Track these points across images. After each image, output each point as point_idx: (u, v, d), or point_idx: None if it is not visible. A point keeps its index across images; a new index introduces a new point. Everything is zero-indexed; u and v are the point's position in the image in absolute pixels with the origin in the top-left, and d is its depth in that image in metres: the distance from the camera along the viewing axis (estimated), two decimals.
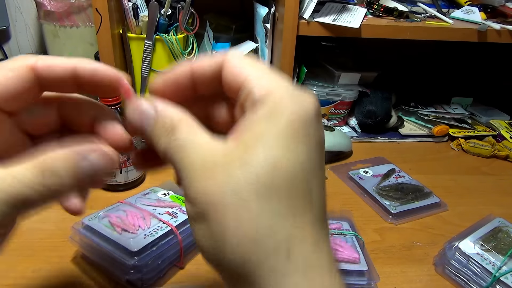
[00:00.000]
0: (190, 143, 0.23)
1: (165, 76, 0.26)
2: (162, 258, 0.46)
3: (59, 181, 0.23)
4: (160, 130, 0.24)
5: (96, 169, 0.24)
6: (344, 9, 0.77)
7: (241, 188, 0.21)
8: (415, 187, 0.65)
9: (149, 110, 0.24)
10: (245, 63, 0.24)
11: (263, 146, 0.21)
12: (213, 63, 0.25)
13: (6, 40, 1.09)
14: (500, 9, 0.82)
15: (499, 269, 0.45)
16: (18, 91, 0.25)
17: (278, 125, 0.22)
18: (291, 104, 0.22)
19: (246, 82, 0.23)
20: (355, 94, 0.85)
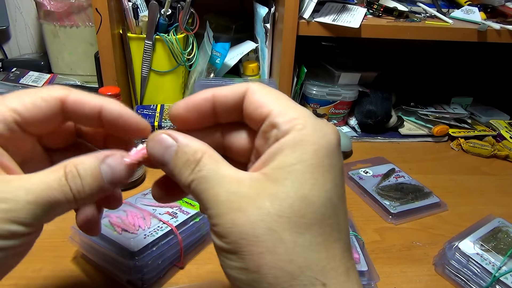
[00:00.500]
0: (214, 174, 0.23)
1: (186, 101, 0.27)
2: (162, 258, 0.46)
3: (81, 183, 0.24)
4: (182, 163, 0.24)
5: (115, 172, 0.25)
6: (344, 9, 0.77)
7: (272, 220, 0.21)
8: (415, 187, 0.65)
9: (170, 143, 0.25)
10: (268, 94, 0.25)
11: (291, 179, 0.22)
12: (236, 92, 0.26)
13: (6, 40, 1.09)
14: (500, 9, 0.82)
15: (499, 269, 0.45)
16: (44, 120, 0.26)
17: (304, 157, 0.22)
18: (315, 135, 0.23)
19: (269, 114, 0.24)
20: (355, 94, 0.85)
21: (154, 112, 0.77)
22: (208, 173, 0.23)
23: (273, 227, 0.21)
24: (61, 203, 0.23)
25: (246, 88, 0.26)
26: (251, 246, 0.21)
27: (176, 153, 0.24)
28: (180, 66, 0.82)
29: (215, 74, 0.86)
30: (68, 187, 0.23)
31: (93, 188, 0.24)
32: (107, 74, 0.75)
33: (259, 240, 0.21)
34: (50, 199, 0.23)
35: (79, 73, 1.00)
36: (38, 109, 0.26)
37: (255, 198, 0.22)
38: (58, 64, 1.00)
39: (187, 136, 0.25)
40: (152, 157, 0.25)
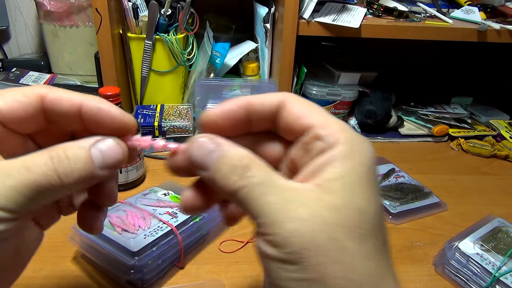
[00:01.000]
0: (267, 182, 0.23)
1: (220, 108, 0.26)
2: (162, 258, 0.46)
3: (69, 167, 0.22)
4: (228, 168, 0.23)
5: (106, 156, 0.24)
6: (344, 9, 0.77)
7: (333, 230, 0.22)
8: (415, 187, 0.65)
9: (212, 148, 0.24)
10: (308, 106, 0.26)
11: (347, 190, 0.22)
12: (272, 101, 0.26)
13: (6, 40, 1.09)
14: (500, 9, 0.82)
15: (499, 269, 0.45)
16: (26, 116, 0.25)
17: (355, 170, 0.23)
18: (360, 150, 0.24)
19: (312, 126, 0.24)
20: (355, 94, 0.85)
21: (154, 112, 0.77)
22: (261, 179, 0.23)
23: (335, 236, 0.21)
24: (45, 188, 0.22)
25: (284, 98, 0.26)
26: (316, 256, 0.21)
27: (220, 157, 0.24)
28: (180, 66, 0.82)
29: (215, 74, 0.86)
30: (53, 170, 0.22)
31: (82, 173, 0.23)
32: (107, 74, 0.75)
33: (323, 249, 0.21)
34: (31, 184, 0.21)
35: (79, 73, 1.00)
36: (19, 104, 0.25)
37: (313, 207, 0.22)
38: (58, 64, 1.00)
39: (231, 143, 0.24)
40: (192, 161, 0.25)
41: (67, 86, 0.91)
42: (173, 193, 0.55)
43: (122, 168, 0.61)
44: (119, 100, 0.58)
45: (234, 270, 0.49)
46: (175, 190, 0.56)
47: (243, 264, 0.50)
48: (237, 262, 0.50)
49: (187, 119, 0.76)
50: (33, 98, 0.25)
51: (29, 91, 0.25)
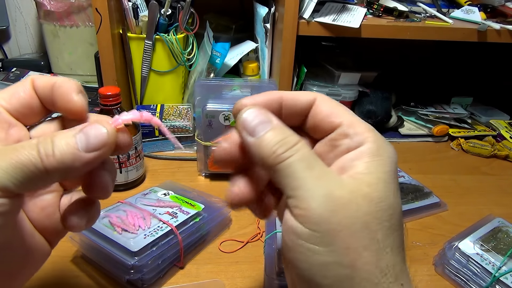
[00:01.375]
0: (314, 160, 0.24)
1: (255, 98, 0.27)
2: (162, 258, 0.46)
3: (51, 148, 0.23)
4: (279, 140, 0.24)
5: (89, 139, 0.24)
6: (344, 9, 0.77)
7: (368, 220, 0.23)
8: (415, 187, 0.65)
9: (266, 119, 0.25)
10: (337, 106, 0.27)
11: (382, 184, 0.24)
12: (306, 98, 0.27)
13: (6, 40, 1.09)
14: (500, 9, 0.82)
15: (499, 269, 0.45)
16: (27, 103, 0.27)
17: (385, 168, 0.24)
18: (386, 150, 0.25)
19: (341, 124, 0.26)
20: (355, 94, 0.85)
21: (154, 112, 0.77)
22: (307, 155, 0.24)
23: (369, 226, 0.22)
24: (28, 168, 0.22)
25: (315, 97, 0.27)
26: (349, 239, 0.22)
27: (272, 128, 0.24)
28: (180, 66, 0.82)
29: (215, 74, 0.86)
30: (36, 151, 0.22)
31: (64, 153, 0.23)
32: (107, 74, 0.75)
33: (356, 235, 0.22)
34: (16, 163, 0.22)
35: (79, 73, 1.00)
36: (18, 93, 0.27)
37: (353, 195, 0.23)
38: (58, 64, 1.00)
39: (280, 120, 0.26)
40: (244, 125, 0.25)
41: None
42: (173, 193, 0.55)
43: (122, 168, 0.61)
44: (119, 100, 0.57)
45: (234, 270, 0.49)
46: (175, 190, 0.56)
47: (243, 264, 0.50)
48: (237, 262, 0.50)
49: (187, 119, 0.76)
50: (28, 83, 0.27)
51: (23, 80, 0.28)
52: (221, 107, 0.62)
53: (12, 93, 0.27)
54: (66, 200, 0.29)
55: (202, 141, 0.64)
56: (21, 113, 0.27)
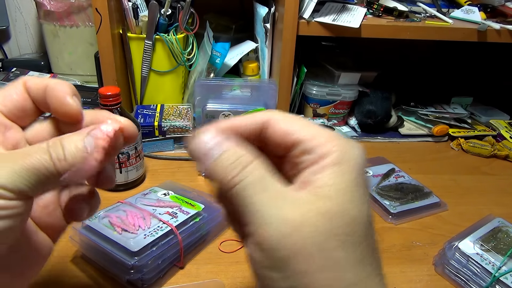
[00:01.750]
0: (265, 184, 0.23)
1: None
2: (162, 258, 0.46)
3: (62, 151, 0.23)
4: (227, 165, 0.23)
5: (98, 140, 0.24)
6: (344, 9, 0.77)
7: (323, 238, 0.21)
8: (415, 187, 0.65)
9: (216, 143, 0.24)
10: (294, 122, 0.26)
11: (338, 196, 0.23)
12: (256, 122, 0.26)
13: (6, 40, 1.09)
14: (500, 9, 0.82)
15: (499, 269, 0.45)
16: (20, 104, 0.27)
17: (346, 177, 0.23)
18: (349, 156, 0.24)
19: (300, 141, 0.25)
20: (355, 94, 0.85)
21: (154, 112, 0.77)
22: (257, 178, 0.23)
23: (325, 245, 0.21)
24: (41, 171, 0.23)
25: (268, 118, 0.26)
26: (301, 264, 0.21)
27: (222, 153, 0.24)
28: (180, 66, 0.82)
29: (215, 74, 0.86)
30: (48, 155, 0.23)
31: (76, 157, 0.23)
32: (107, 74, 0.75)
33: (311, 257, 0.21)
34: (29, 167, 0.22)
35: (79, 73, 1.00)
36: (11, 95, 0.27)
37: (306, 215, 0.22)
38: (58, 64, 1.00)
39: (233, 141, 0.25)
40: (194, 155, 0.25)
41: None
42: (173, 193, 0.55)
43: (122, 168, 0.61)
44: (119, 100, 0.58)
45: (234, 270, 0.49)
46: (175, 190, 0.56)
47: (243, 264, 0.50)
48: (237, 262, 0.50)
49: (187, 119, 0.76)
50: (20, 85, 0.27)
51: (15, 82, 0.27)
52: (221, 107, 0.62)
53: (5, 96, 0.27)
54: (65, 196, 0.30)
55: None
56: (15, 115, 0.27)
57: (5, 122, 0.27)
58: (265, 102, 0.64)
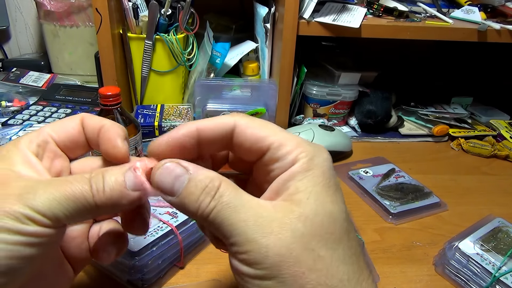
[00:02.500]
0: (238, 200, 0.23)
1: (167, 138, 0.26)
2: (162, 258, 0.46)
3: (102, 183, 0.24)
4: (200, 191, 0.23)
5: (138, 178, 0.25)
6: (344, 9, 0.77)
7: (307, 240, 0.22)
8: (415, 187, 0.65)
9: (181, 172, 0.24)
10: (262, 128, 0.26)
11: (314, 198, 0.23)
12: (223, 126, 0.26)
13: (6, 40, 1.09)
14: (500, 9, 0.82)
15: (499, 269, 0.45)
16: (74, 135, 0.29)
17: (316, 180, 0.24)
18: (318, 160, 0.25)
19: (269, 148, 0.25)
20: (355, 94, 0.85)
21: (154, 112, 0.77)
22: (230, 198, 0.23)
23: (309, 246, 0.22)
24: (79, 200, 0.23)
25: (234, 123, 0.26)
26: (292, 267, 0.22)
27: (189, 181, 0.24)
28: (180, 66, 0.82)
29: (215, 74, 0.86)
30: (88, 185, 0.23)
31: (114, 190, 0.24)
32: (107, 74, 0.75)
33: (299, 260, 0.22)
34: (66, 193, 0.23)
35: (79, 73, 1.00)
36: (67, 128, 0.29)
37: (285, 220, 0.22)
38: (58, 64, 1.00)
39: (196, 165, 0.25)
40: (159, 188, 0.25)
41: (67, 86, 0.91)
42: None
43: None
44: (119, 100, 0.57)
45: None
46: None
47: None
48: None
49: (187, 119, 0.76)
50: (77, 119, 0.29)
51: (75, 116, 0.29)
52: (221, 107, 0.62)
53: (62, 126, 0.29)
54: (95, 230, 0.31)
55: None
56: (67, 146, 0.29)
57: (56, 150, 0.28)
58: (265, 102, 0.64)
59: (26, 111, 0.79)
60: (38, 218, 0.22)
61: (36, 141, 0.27)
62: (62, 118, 0.30)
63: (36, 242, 0.22)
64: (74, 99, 0.85)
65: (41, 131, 0.28)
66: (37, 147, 0.27)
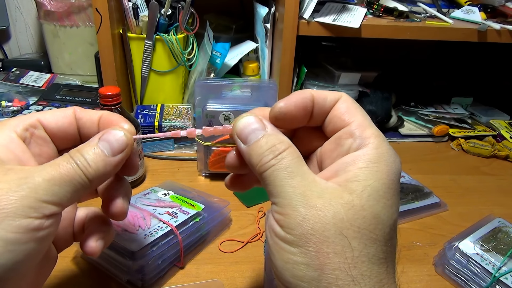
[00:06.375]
0: (296, 167, 0.24)
1: (293, 99, 0.27)
2: (162, 258, 0.46)
3: (85, 160, 0.25)
4: (267, 148, 0.25)
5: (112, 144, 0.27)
6: (344, 9, 0.77)
7: (344, 226, 0.22)
8: (415, 187, 0.65)
9: (259, 126, 0.26)
10: (356, 107, 0.27)
11: (367, 193, 0.23)
12: (333, 96, 0.28)
13: (6, 40, 1.09)
14: (500, 9, 0.82)
15: (499, 269, 0.45)
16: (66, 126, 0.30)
17: (379, 175, 0.24)
18: (388, 159, 0.25)
19: (351, 123, 0.26)
20: (355, 94, 0.85)
21: (154, 112, 0.77)
22: (290, 164, 0.24)
23: (344, 233, 0.22)
24: (74, 178, 0.25)
25: (340, 96, 0.28)
26: (320, 244, 0.22)
27: (263, 136, 0.25)
28: (180, 66, 0.82)
29: (215, 74, 0.86)
30: (75, 164, 0.25)
31: (98, 163, 0.26)
32: (107, 74, 0.75)
33: (328, 240, 0.22)
34: (63, 176, 0.24)
35: (79, 73, 1.00)
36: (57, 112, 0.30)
37: (330, 201, 0.23)
38: (58, 64, 1.00)
39: (275, 128, 0.26)
40: (238, 133, 0.27)
41: (67, 86, 0.91)
42: (173, 193, 0.55)
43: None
44: (119, 100, 0.58)
45: (234, 270, 0.49)
46: (175, 190, 0.56)
47: (243, 264, 0.50)
48: (237, 262, 0.50)
49: (187, 119, 0.76)
50: (69, 110, 0.30)
51: (65, 108, 0.30)
52: (221, 107, 0.62)
53: (53, 115, 0.30)
54: (81, 213, 0.33)
55: (202, 141, 0.64)
56: (56, 135, 0.30)
57: (45, 137, 0.29)
58: (265, 102, 0.64)
59: (26, 111, 0.79)
60: (52, 210, 0.23)
61: (23, 125, 0.28)
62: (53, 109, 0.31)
63: (45, 234, 0.24)
64: (74, 99, 0.85)
65: (30, 115, 0.29)
66: (24, 131, 0.28)
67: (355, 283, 0.22)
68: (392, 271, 0.24)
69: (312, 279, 0.22)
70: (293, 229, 0.23)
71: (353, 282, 0.22)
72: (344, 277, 0.22)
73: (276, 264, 0.24)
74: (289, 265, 0.23)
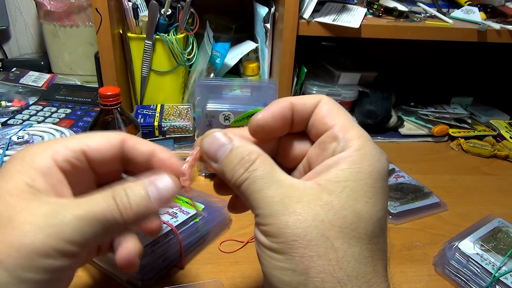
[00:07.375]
0: (269, 176, 0.24)
1: (271, 110, 0.27)
2: (162, 258, 0.46)
3: (128, 201, 0.24)
4: (237, 162, 0.25)
5: (160, 191, 0.25)
6: (344, 9, 0.77)
7: (325, 228, 0.22)
8: (415, 187, 0.65)
9: (225, 141, 0.26)
10: (337, 109, 0.27)
11: (347, 193, 0.23)
12: (312, 101, 0.27)
13: (6, 40, 1.09)
14: (500, 9, 0.82)
15: (499, 269, 0.45)
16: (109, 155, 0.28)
17: (360, 175, 0.24)
18: (372, 158, 0.25)
19: (333, 126, 0.26)
20: (355, 94, 0.85)
21: (154, 112, 0.77)
22: (263, 173, 0.24)
23: (326, 234, 0.22)
24: (109, 220, 0.23)
25: (320, 99, 0.28)
26: (303, 249, 0.22)
27: (231, 151, 0.25)
28: (180, 66, 0.82)
29: (215, 74, 0.86)
30: (115, 204, 0.23)
31: (140, 206, 0.24)
32: (107, 74, 0.75)
33: (311, 244, 0.22)
34: (96, 215, 0.23)
35: (79, 73, 1.00)
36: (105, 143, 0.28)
37: (309, 204, 0.23)
38: (58, 64, 1.00)
39: (241, 138, 0.26)
40: (205, 153, 0.26)
41: (67, 86, 0.91)
42: None
43: None
44: (119, 100, 0.57)
45: (234, 270, 0.49)
46: None
47: (243, 264, 0.50)
48: (237, 262, 0.50)
49: (187, 119, 0.76)
50: (116, 139, 0.28)
51: (113, 134, 0.29)
52: (221, 107, 0.62)
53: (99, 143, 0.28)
54: None
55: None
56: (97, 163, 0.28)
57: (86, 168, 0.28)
58: (265, 102, 0.64)
59: (26, 111, 0.79)
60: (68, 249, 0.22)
61: (65, 155, 0.26)
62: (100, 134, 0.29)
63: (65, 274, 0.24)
64: (74, 99, 0.85)
65: (74, 141, 0.27)
66: (65, 162, 0.26)
67: (341, 284, 0.22)
68: (381, 270, 0.24)
69: (299, 283, 0.22)
70: (276, 237, 0.23)
71: (339, 284, 0.22)
72: (330, 279, 0.22)
73: (264, 271, 0.24)
74: (276, 272, 0.23)
